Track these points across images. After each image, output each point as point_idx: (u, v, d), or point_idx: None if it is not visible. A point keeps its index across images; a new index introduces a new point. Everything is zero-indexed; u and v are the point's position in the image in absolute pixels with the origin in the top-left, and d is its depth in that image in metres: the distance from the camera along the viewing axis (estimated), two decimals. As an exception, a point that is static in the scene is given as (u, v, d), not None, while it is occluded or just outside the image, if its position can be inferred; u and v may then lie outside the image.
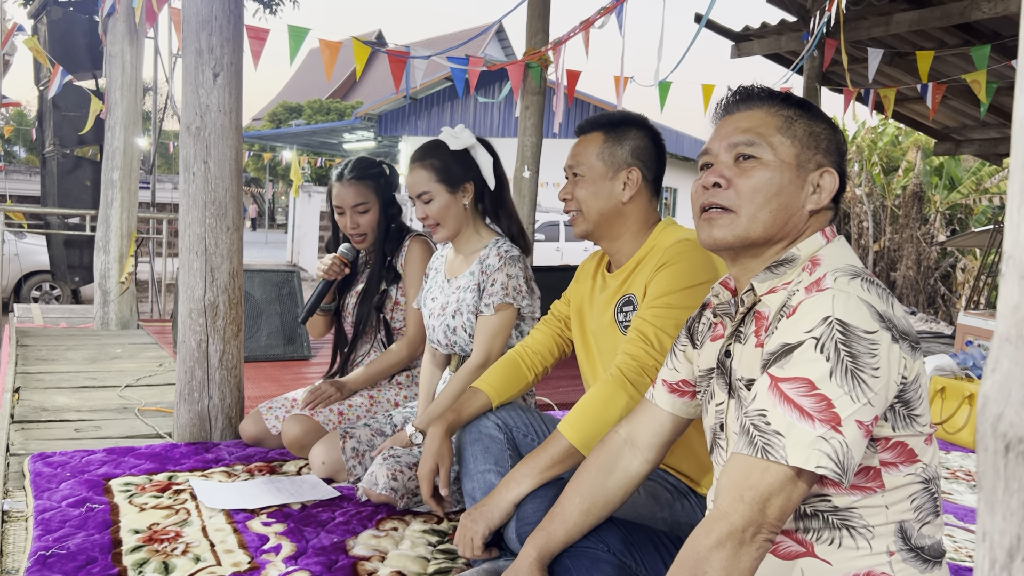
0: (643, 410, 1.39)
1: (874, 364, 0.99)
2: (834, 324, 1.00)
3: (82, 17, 5.79)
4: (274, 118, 31.13)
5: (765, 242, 1.17)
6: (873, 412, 1.00)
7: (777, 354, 1.05)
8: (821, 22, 5.23)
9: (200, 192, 2.54)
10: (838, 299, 1.02)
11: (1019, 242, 0.52)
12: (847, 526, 1.08)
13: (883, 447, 1.06)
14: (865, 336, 1.00)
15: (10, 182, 13.90)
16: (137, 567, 1.67)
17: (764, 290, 1.17)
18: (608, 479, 1.35)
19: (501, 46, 28.48)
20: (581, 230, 1.75)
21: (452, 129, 2.21)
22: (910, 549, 1.08)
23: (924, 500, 1.09)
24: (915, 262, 12.29)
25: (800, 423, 0.99)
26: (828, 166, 1.18)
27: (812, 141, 1.17)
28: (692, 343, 1.34)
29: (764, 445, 1.00)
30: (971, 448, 3.11)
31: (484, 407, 1.79)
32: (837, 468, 0.97)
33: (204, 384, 2.59)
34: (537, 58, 4.97)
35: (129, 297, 5.03)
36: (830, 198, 1.18)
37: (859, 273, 1.07)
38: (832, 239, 1.17)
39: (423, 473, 1.71)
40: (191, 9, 2.51)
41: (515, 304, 2.10)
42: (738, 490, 1.00)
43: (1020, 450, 0.52)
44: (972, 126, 7.88)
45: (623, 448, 1.37)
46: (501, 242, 2.17)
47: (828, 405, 0.98)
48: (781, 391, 1.01)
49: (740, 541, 0.98)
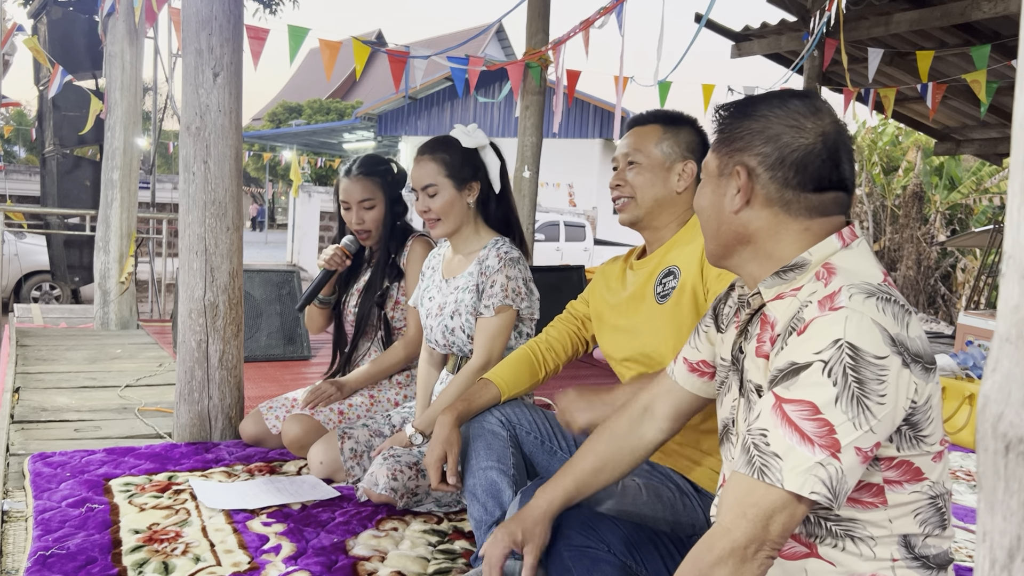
0: (663, 383, 1.39)
1: (881, 391, 0.98)
2: (844, 348, 0.98)
3: (82, 17, 5.79)
4: (274, 118, 31.15)
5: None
6: (875, 439, 0.99)
7: (785, 372, 1.03)
8: (821, 22, 5.23)
9: (200, 192, 2.54)
10: (851, 320, 1.00)
11: (1019, 242, 0.52)
12: (850, 535, 1.08)
13: (887, 466, 1.05)
14: (875, 362, 0.98)
15: (10, 182, 13.90)
16: (137, 567, 1.67)
17: (771, 296, 1.15)
18: (624, 443, 1.37)
19: (501, 46, 28.48)
20: (631, 216, 1.76)
21: (465, 127, 2.21)
22: (915, 558, 1.07)
23: (930, 514, 1.08)
24: (915, 262, 12.28)
25: (800, 447, 0.98)
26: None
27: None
28: (717, 325, 1.33)
29: (762, 466, 1.00)
30: (971, 448, 3.11)
31: (494, 399, 1.78)
32: (829, 494, 0.97)
33: (204, 384, 2.59)
34: (537, 58, 4.97)
35: (129, 297, 5.03)
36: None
37: (875, 291, 1.03)
38: (850, 242, 1.13)
39: (431, 460, 1.69)
40: (191, 9, 2.51)
41: (514, 306, 2.10)
42: (741, 507, 0.99)
43: (1020, 450, 0.52)
44: (972, 126, 7.88)
45: (643, 416, 1.38)
46: (500, 243, 2.17)
47: (830, 431, 0.97)
48: (784, 412, 1.00)
49: (742, 558, 0.98)
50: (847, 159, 1.15)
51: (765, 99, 1.17)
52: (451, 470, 1.70)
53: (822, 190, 1.13)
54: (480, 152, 2.20)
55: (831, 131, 1.13)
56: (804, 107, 1.14)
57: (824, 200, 1.13)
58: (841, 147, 1.14)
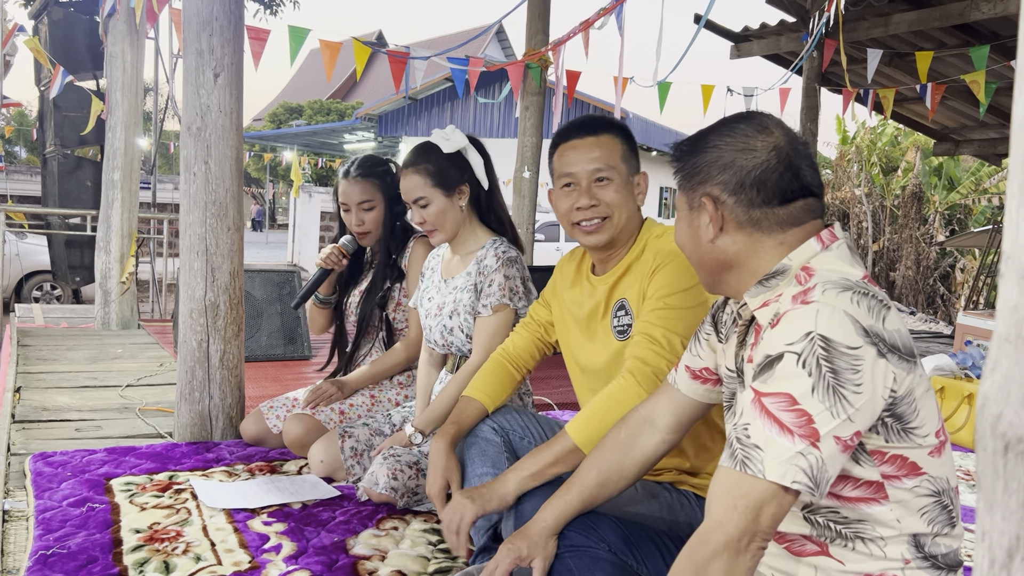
0: (664, 393, 1.40)
1: (856, 380, 0.99)
2: (816, 340, 1.00)
3: (83, 17, 5.78)
4: (274, 118, 31.14)
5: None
6: (854, 427, 1.00)
7: (762, 366, 1.05)
8: (820, 23, 5.23)
9: (201, 192, 2.54)
10: (822, 313, 1.02)
11: (1018, 242, 0.53)
12: (859, 536, 1.09)
13: (881, 460, 1.06)
14: (848, 352, 1.00)
15: (11, 182, 13.88)
16: (138, 566, 1.67)
17: (757, 304, 1.17)
18: (626, 456, 1.38)
19: (501, 46, 28.48)
20: (607, 237, 1.66)
21: (443, 131, 2.18)
22: (924, 558, 1.08)
23: (937, 513, 1.09)
24: (914, 262, 12.29)
25: (779, 438, 1.00)
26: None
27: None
28: (716, 332, 1.34)
29: (744, 458, 1.01)
30: (971, 448, 3.12)
31: (480, 414, 1.79)
32: (811, 483, 0.98)
33: (205, 384, 2.60)
34: (537, 58, 4.97)
35: (130, 297, 5.03)
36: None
37: (851, 286, 1.05)
38: (830, 244, 1.14)
39: (434, 492, 1.68)
40: (192, 10, 2.51)
41: (512, 305, 2.10)
42: (731, 499, 1.01)
43: (1019, 450, 0.52)
44: (971, 126, 7.89)
45: (643, 426, 1.39)
46: (499, 242, 2.17)
47: (808, 421, 0.99)
48: (763, 405, 1.02)
49: (736, 551, 1.00)
50: (807, 165, 1.16)
51: (714, 130, 1.21)
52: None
53: (789, 201, 1.15)
54: (463, 152, 2.19)
55: (782, 144, 1.16)
56: (750, 128, 1.17)
57: (793, 210, 1.15)
58: (796, 156, 1.16)
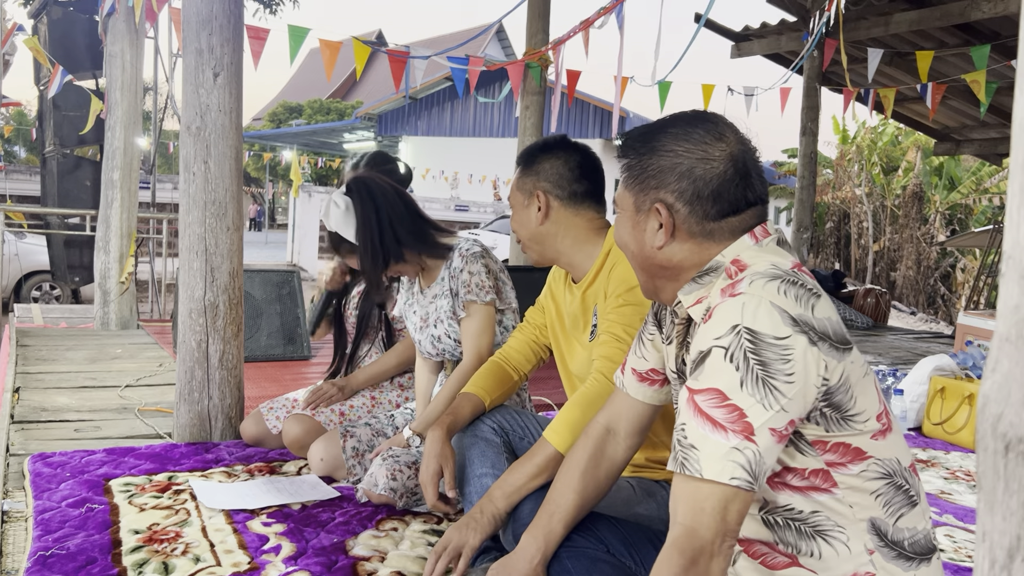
0: (617, 399, 1.39)
1: (787, 370, 0.99)
2: (742, 332, 1.00)
3: (82, 17, 5.78)
4: (274, 118, 31.15)
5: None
6: (788, 417, 0.99)
7: (695, 362, 1.05)
8: (821, 22, 5.23)
9: (200, 192, 2.54)
10: (748, 305, 1.01)
11: (1019, 242, 0.52)
12: (820, 533, 1.07)
13: (823, 449, 1.05)
14: (776, 342, 0.99)
15: (10, 182, 13.88)
16: (137, 567, 1.67)
17: (691, 302, 1.16)
18: (599, 470, 1.37)
19: (501, 46, 28.49)
20: (535, 257, 1.81)
21: (327, 214, 2.11)
22: (888, 546, 1.07)
23: (892, 495, 1.07)
24: (915, 262, 12.29)
25: (713, 435, 0.99)
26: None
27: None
28: (660, 330, 1.33)
29: (683, 460, 1.01)
30: (971, 448, 3.11)
31: (478, 409, 1.81)
32: (749, 478, 0.98)
33: (204, 384, 2.59)
34: (537, 58, 4.97)
35: (129, 297, 5.03)
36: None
37: (779, 275, 1.05)
38: (762, 239, 1.14)
39: (426, 478, 1.70)
40: (191, 9, 2.51)
41: (478, 300, 2.10)
42: (696, 503, 0.99)
43: (1020, 450, 0.52)
44: (972, 126, 7.89)
45: (606, 438, 1.38)
46: (463, 243, 2.18)
47: (741, 415, 0.98)
48: (696, 404, 1.01)
49: (711, 554, 0.99)
50: (756, 174, 1.16)
51: (668, 131, 1.17)
52: (449, 483, 1.70)
53: (740, 211, 1.14)
54: (360, 217, 2.11)
55: (738, 152, 1.14)
56: (708, 134, 1.15)
57: (744, 219, 1.15)
58: (749, 164, 1.15)
